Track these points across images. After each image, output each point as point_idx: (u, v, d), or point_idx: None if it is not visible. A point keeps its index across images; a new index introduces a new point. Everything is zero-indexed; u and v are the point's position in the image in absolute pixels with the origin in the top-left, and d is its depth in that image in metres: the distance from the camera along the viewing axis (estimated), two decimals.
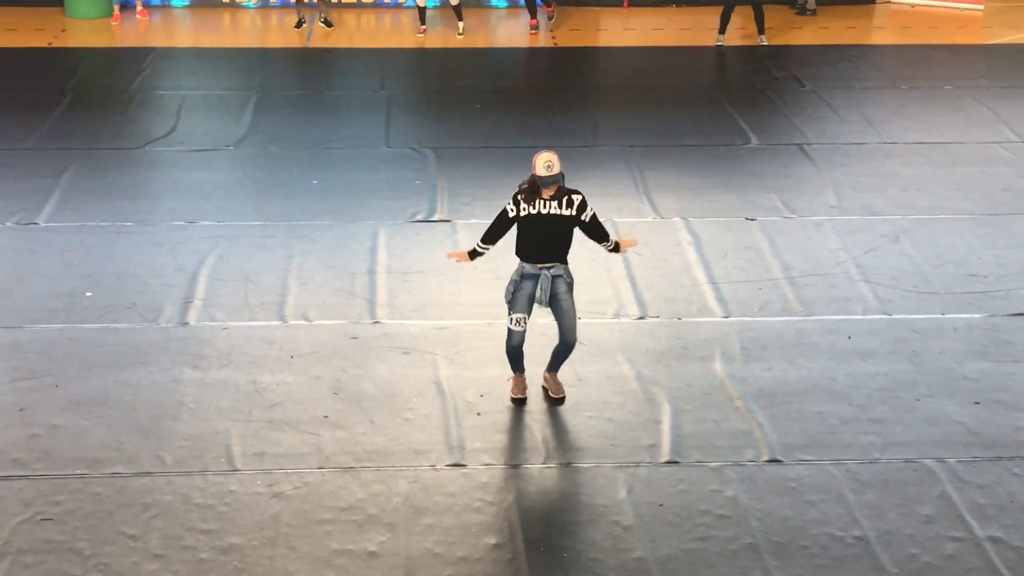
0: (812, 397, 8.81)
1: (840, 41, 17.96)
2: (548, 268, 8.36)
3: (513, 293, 8.46)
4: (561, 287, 8.41)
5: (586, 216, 8.33)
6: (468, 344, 9.43)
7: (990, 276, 10.61)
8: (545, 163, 8.12)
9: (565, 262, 8.44)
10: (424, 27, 17.88)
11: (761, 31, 17.54)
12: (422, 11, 17.86)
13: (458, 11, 17.90)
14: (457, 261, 8.83)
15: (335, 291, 10.22)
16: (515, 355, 8.61)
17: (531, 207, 8.26)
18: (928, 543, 7.36)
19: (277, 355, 9.26)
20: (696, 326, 9.76)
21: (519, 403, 8.69)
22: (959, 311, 10.04)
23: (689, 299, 10.18)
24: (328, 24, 18.11)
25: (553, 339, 8.73)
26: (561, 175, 8.16)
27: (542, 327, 9.02)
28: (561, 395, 8.74)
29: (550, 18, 18.51)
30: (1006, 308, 10.07)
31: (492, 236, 8.53)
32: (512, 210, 8.32)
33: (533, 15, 18.20)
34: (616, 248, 8.64)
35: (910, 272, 10.67)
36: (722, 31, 17.50)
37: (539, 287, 8.37)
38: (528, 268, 8.40)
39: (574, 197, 8.29)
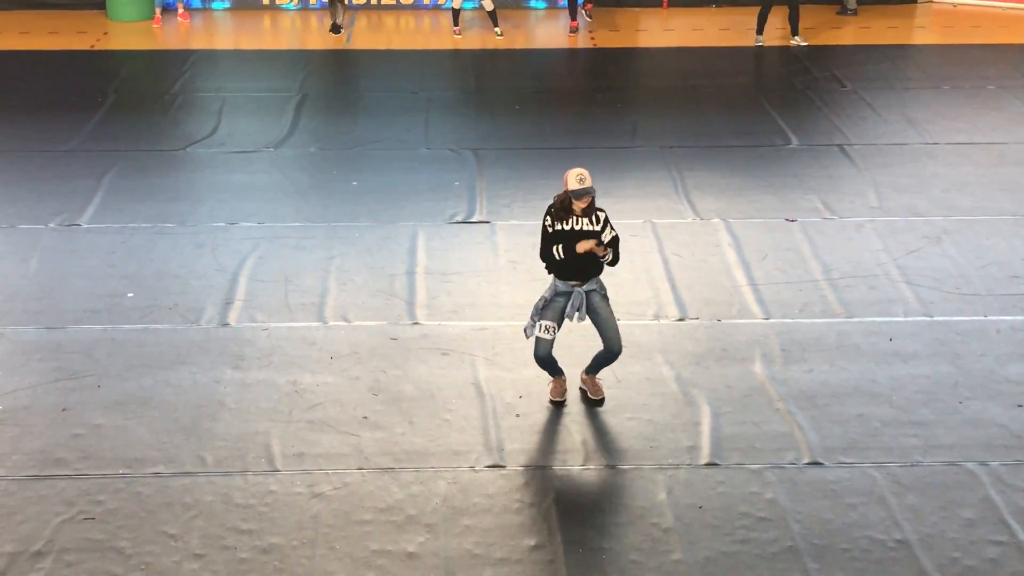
0: (853, 399, 8.75)
1: (881, 41, 17.84)
2: (580, 284, 8.36)
3: (543, 309, 8.42)
4: (596, 299, 8.40)
5: (606, 234, 8.28)
6: (507, 345, 9.43)
7: None
8: (577, 176, 8.12)
9: (598, 278, 8.41)
10: (458, 28, 17.91)
11: (795, 32, 17.44)
12: (456, 13, 17.89)
13: (494, 16, 17.90)
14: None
15: (374, 292, 10.25)
16: (545, 362, 8.56)
17: (563, 224, 8.25)
18: (970, 547, 7.29)
19: (317, 356, 9.29)
20: (736, 328, 9.72)
21: (558, 405, 8.69)
22: (1002, 313, 9.94)
23: (729, 300, 10.14)
24: (336, 30, 17.93)
25: (591, 341, 8.72)
26: (593, 189, 8.15)
27: (581, 328, 8.99)
28: (600, 396, 8.72)
29: (589, 17, 18.49)
30: None
31: (547, 254, 8.39)
32: (549, 225, 8.31)
33: (573, 16, 18.18)
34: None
35: (952, 274, 10.57)
36: (760, 32, 17.42)
37: (571, 304, 8.34)
38: (561, 286, 8.38)
39: (599, 214, 8.29)
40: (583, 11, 18.39)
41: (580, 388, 8.81)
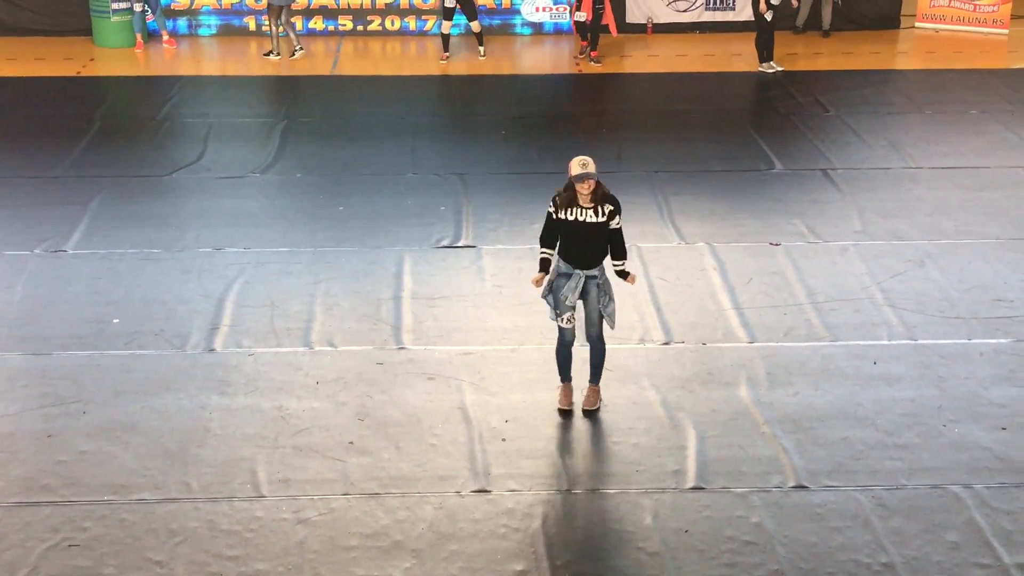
0: (838, 423, 8.78)
1: (864, 66, 17.96)
2: (583, 269, 8.58)
3: (552, 294, 8.66)
4: (591, 286, 8.61)
5: (614, 224, 8.52)
6: (493, 370, 9.45)
7: (1016, 301, 10.56)
8: (580, 162, 8.40)
9: (600, 266, 8.63)
10: (447, 54, 17.98)
11: (770, 57, 17.48)
12: (446, 38, 17.97)
13: (480, 38, 18.06)
14: (539, 283, 8.78)
15: (361, 317, 10.26)
16: (564, 356, 8.79)
17: (567, 213, 8.47)
18: (955, 570, 7.31)
19: (303, 381, 9.30)
20: (721, 351, 9.75)
21: (565, 415, 8.77)
22: (985, 336, 9.99)
23: (714, 324, 10.17)
24: (277, 54, 17.98)
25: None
26: (594, 174, 8.35)
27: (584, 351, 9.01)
28: (594, 407, 8.84)
29: (597, 62, 17.98)
30: None
31: (548, 239, 8.71)
32: (552, 212, 8.55)
33: (584, 38, 18.18)
34: (623, 275, 8.74)
35: (936, 297, 10.63)
36: (770, 58, 17.42)
37: (568, 286, 8.56)
38: (563, 267, 8.62)
39: (607, 207, 8.48)
40: (590, 55, 18.11)
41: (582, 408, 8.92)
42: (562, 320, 8.68)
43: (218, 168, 13.66)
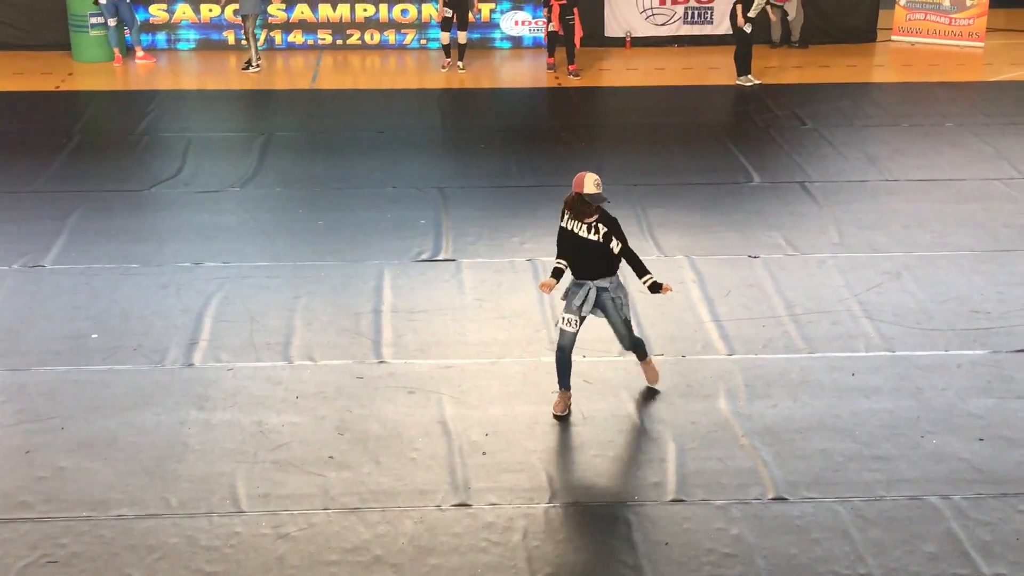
0: (816, 434, 8.82)
1: (841, 79, 18.07)
2: (591, 280, 8.74)
3: (566, 296, 8.92)
4: (605, 298, 8.80)
5: (614, 246, 8.67)
6: (473, 383, 9.45)
7: (993, 312, 10.63)
8: (594, 182, 8.58)
9: (609, 276, 8.78)
10: (448, 60, 18.18)
11: (748, 71, 17.60)
12: (447, 47, 18.14)
13: (462, 50, 18.15)
14: (550, 291, 8.89)
15: (340, 331, 10.26)
16: (563, 361, 8.87)
17: (568, 223, 8.70)
18: None
19: (283, 395, 9.28)
20: (700, 364, 9.78)
21: (561, 419, 8.88)
22: (962, 348, 10.05)
23: (693, 337, 10.20)
24: (250, 66, 18.15)
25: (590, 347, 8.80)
26: (604, 197, 8.55)
27: (586, 338, 9.03)
28: (655, 382, 9.30)
29: (576, 75, 18.23)
30: (1009, 344, 10.09)
31: (559, 249, 8.91)
32: (561, 221, 8.76)
33: (551, 53, 18.34)
34: (655, 287, 8.89)
35: (913, 309, 10.69)
36: (747, 71, 17.53)
37: (579, 295, 8.77)
38: (576, 278, 8.90)
39: (600, 226, 8.63)
40: (568, 69, 18.23)
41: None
42: (562, 321, 8.83)
43: (197, 182, 13.64)
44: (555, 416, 8.94)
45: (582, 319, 8.83)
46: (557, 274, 8.88)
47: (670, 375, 9.59)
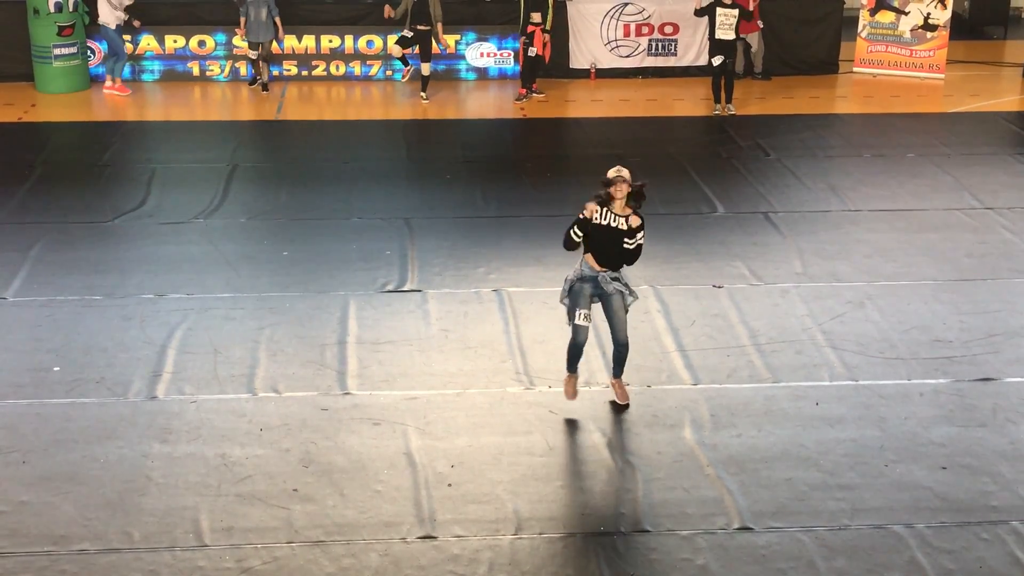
0: (781, 463, 8.85)
1: (804, 110, 18.22)
2: (607, 271, 9.23)
3: (570, 294, 9.31)
4: (616, 297, 9.27)
5: (633, 240, 9.22)
6: (439, 414, 9.43)
7: (955, 342, 10.72)
8: (616, 168, 9.25)
9: (622, 267, 9.32)
10: (425, 94, 18.26)
11: (729, 100, 17.78)
12: (425, 80, 18.20)
13: (425, 82, 18.25)
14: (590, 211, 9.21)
15: (305, 362, 10.22)
16: (576, 352, 9.35)
17: (597, 215, 9.14)
18: None
19: (247, 428, 9.23)
20: (665, 393, 9.81)
21: (571, 399, 9.43)
22: (925, 377, 10.12)
23: (658, 367, 10.23)
24: (265, 88, 18.69)
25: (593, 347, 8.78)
26: (625, 178, 9.14)
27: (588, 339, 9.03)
28: (626, 402, 9.53)
29: (539, 93, 18.63)
30: (971, 373, 10.17)
31: (568, 235, 9.32)
32: (585, 217, 9.16)
33: (525, 84, 18.49)
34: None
35: (876, 338, 10.76)
36: (717, 100, 17.70)
37: (594, 287, 9.24)
38: (587, 271, 9.24)
39: (632, 220, 9.23)
40: (532, 88, 18.50)
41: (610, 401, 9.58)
42: (579, 317, 9.22)
43: (161, 213, 13.59)
44: (568, 399, 9.42)
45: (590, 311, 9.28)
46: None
47: (635, 405, 9.60)
